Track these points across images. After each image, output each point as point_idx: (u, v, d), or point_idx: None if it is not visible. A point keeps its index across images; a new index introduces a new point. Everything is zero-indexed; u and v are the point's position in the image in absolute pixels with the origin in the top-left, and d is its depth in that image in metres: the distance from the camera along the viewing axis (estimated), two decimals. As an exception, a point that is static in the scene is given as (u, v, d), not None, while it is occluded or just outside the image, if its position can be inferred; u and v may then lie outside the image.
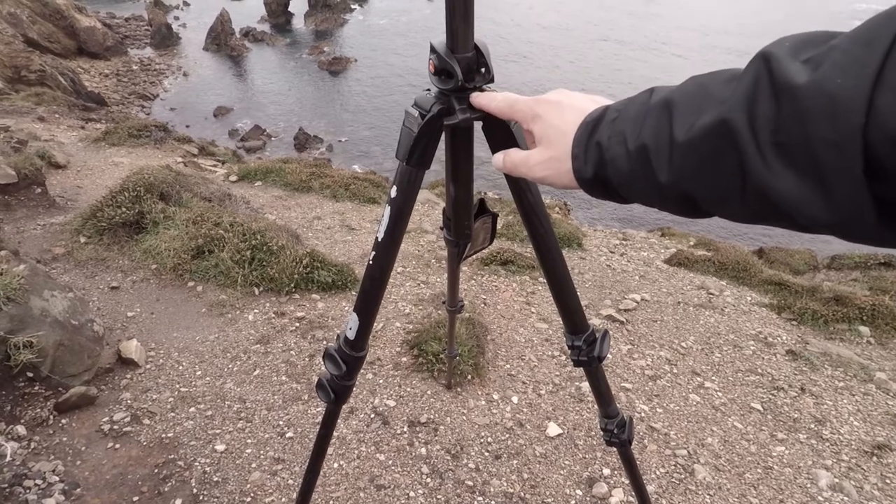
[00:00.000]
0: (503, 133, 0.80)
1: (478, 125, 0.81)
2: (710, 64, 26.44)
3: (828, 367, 3.10)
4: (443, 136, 0.84)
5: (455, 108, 0.76)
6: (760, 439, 2.53)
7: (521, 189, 0.87)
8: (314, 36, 32.89)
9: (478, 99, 0.70)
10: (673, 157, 0.41)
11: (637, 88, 0.53)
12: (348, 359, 1.02)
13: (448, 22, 0.69)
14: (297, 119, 22.91)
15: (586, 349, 1.03)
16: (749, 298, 3.93)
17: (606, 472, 2.27)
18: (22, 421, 2.15)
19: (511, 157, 0.63)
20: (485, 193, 9.06)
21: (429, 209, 5.42)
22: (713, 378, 2.94)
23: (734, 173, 0.37)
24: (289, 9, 35.36)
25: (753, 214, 0.39)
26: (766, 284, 4.22)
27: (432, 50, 0.74)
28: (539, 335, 3.15)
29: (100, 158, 6.03)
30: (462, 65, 0.72)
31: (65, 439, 2.14)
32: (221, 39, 29.82)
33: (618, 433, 1.20)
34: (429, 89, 0.80)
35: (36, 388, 2.25)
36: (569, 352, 1.08)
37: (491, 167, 0.86)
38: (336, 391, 1.06)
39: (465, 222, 0.99)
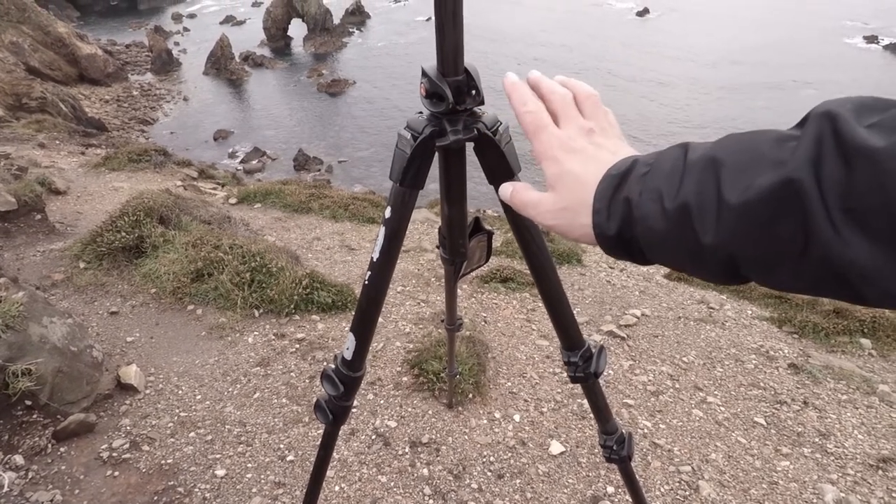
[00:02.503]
0: (495, 154, 0.81)
1: (470, 146, 0.83)
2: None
3: (830, 381, 3.08)
4: (436, 157, 0.85)
5: (447, 130, 0.78)
6: (765, 454, 2.51)
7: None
8: (313, 59, 33.34)
9: (512, 93, 0.58)
10: (722, 218, 0.38)
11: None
12: (346, 379, 1.02)
13: (438, 46, 0.71)
14: (296, 140, 23.10)
15: (583, 365, 1.04)
16: (749, 312, 3.93)
17: (610, 489, 2.25)
18: (20, 450, 2.14)
19: (520, 196, 0.58)
20: (483, 211, 9.09)
21: (428, 228, 5.44)
22: (715, 393, 2.92)
23: (794, 238, 0.35)
24: (288, 33, 35.91)
25: (807, 282, 0.37)
26: (766, 298, 4.21)
27: (423, 74, 0.75)
28: (540, 352, 3.14)
29: (100, 184, 6.08)
30: (452, 88, 0.74)
31: (63, 468, 2.12)
32: (221, 64, 30.22)
33: (617, 449, 1.20)
34: (421, 112, 0.82)
35: (34, 416, 2.23)
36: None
37: (487, 186, 0.87)
38: (334, 412, 1.06)
39: (460, 241, 1.00)
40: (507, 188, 0.61)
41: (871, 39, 34.95)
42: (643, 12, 42.15)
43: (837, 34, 36.36)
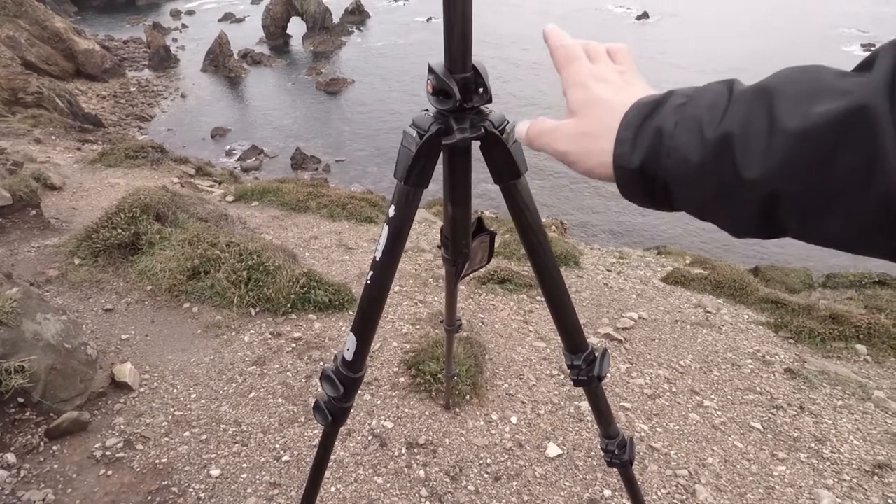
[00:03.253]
0: (501, 152, 0.80)
1: (476, 144, 0.82)
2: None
3: (826, 386, 3.08)
4: (441, 156, 0.84)
5: (453, 128, 0.77)
6: (761, 459, 2.50)
7: (520, 207, 0.87)
8: (312, 57, 33.26)
9: (550, 35, 0.57)
10: (773, 147, 0.35)
11: None
12: (346, 380, 1.01)
13: (447, 43, 0.70)
14: (294, 139, 23.04)
15: (586, 368, 1.03)
16: (746, 317, 3.93)
17: (607, 493, 2.24)
18: (12, 448, 2.11)
19: (537, 125, 0.54)
20: (482, 212, 9.10)
21: (426, 228, 5.43)
22: (712, 397, 2.92)
23: (856, 172, 0.32)
24: (287, 31, 35.83)
25: (855, 229, 0.34)
26: (762, 303, 4.22)
27: (430, 71, 0.74)
28: (537, 354, 3.13)
29: (96, 180, 6.04)
30: (460, 85, 0.73)
31: (56, 466, 2.10)
32: (219, 61, 30.11)
33: (619, 454, 1.19)
34: (427, 109, 0.81)
35: (27, 413, 2.21)
36: (568, 371, 1.07)
37: (489, 186, 0.86)
38: (333, 413, 1.05)
39: (463, 241, 0.99)
40: (523, 125, 0.56)
41: (869, 47, 35.16)
42: (642, 16, 42.28)
43: (835, 41, 36.56)
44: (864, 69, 0.35)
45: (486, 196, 12.99)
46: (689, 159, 0.39)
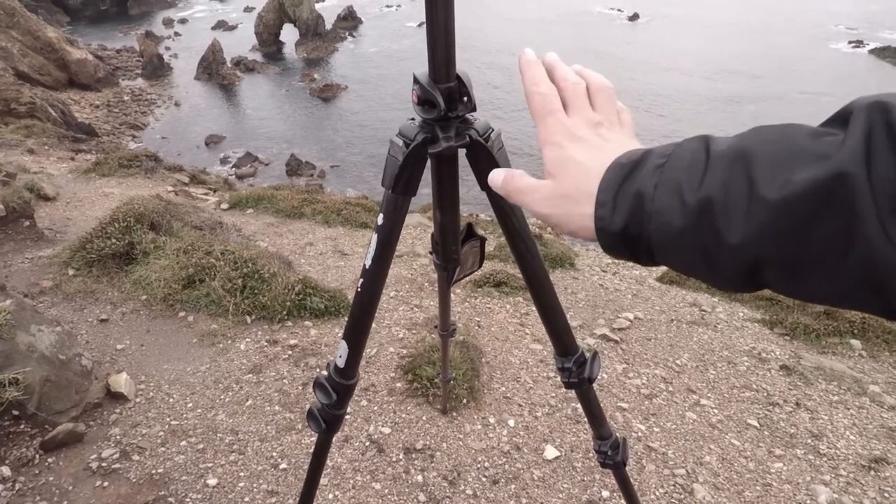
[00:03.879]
0: (486, 159, 0.81)
1: (462, 152, 0.83)
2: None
3: (822, 382, 3.10)
4: (428, 164, 0.85)
5: (439, 137, 0.78)
6: (758, 456, 2.51)
7: (506, 213, 0.88)
8: (305, 64, 33.29)
9: (526, 71, 0.55)
10: (754, 215, 0.35)
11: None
12: (339, 387, 1.02)
13: (430, 53, 0.71)
14: (288, 145, 23.02)
15: (576, 371, 1.03)
16: (741, 314, 3.95)
17: (605, 494, 2.25)
18: (7, 461, 2.10)
19: (514, 181, 0.53)
20: (476, 216, 9.10)
21: (421, 233, 5.43)
22: (709, 395, 2.93)
23: (835, 239, 0.32)
24: (280, 38, 35.85)
25: (839, 290, 0.34)
26: (757, 300, 4.24)
27: (415, 81, 0.75)
28: (534, 356, 3.14)
29: (90, 189, 6.03)
30: (444, 94, 0.73)
31: (51, 479, 2.09)
32: (213, 69, 30.10)
33: (612, 455, 1.19)
34: (413, 118, 0.82)
35: (21, 426, 2.20)
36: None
37: (480, 191, 0.87)
38: (327, 420, 1.05)
39: (453, 247, 1.00)
40: (498, 174, 0.55)
41: (857, 44, 35.39)
42: (633, 17, 42.49)
43: (823, 40, 36.77)
44: (835, 124, 0.36)
45: (480, 201, 12.99)
46: (672, 224, 0.39)
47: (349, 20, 40.12)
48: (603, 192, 0.43)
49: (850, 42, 35.76)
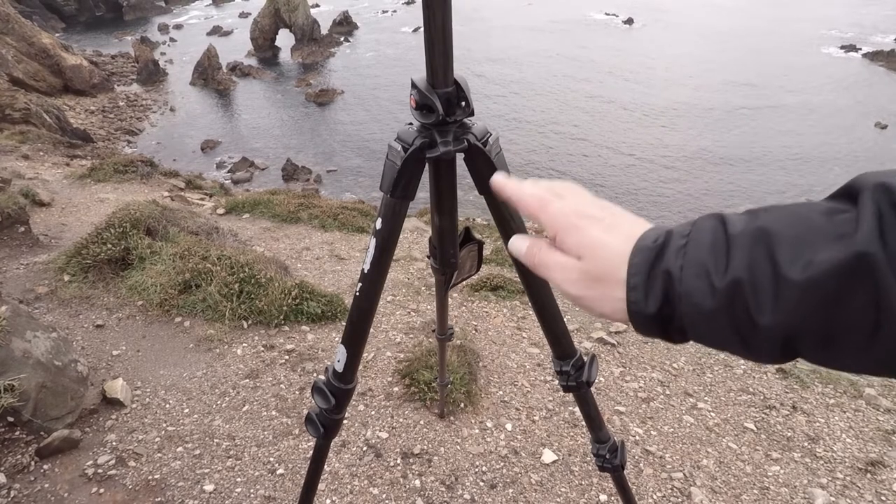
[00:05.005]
0: (485, 164, 0.82)
1: (460, 156, 0.83)
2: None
3: (818, 385, 3.11)
4: (426, 168, 0.85)
5: (437, 142, 0.78)
6: (755, 459, 2.52)
7: (504, 217, 0.88)
8: (301, 69, 33.34)
9: (502, 186, 0.58)
10: (782, 296, 0.36)
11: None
12: (337, 392, 1.01)
13: (428, 58, 0.72)
14: (284, 150, 23.03)
15: (574, 374, 1.04)
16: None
17: (603, 498, 2.25)
18: (2, 468, 2.09)
19: (542, 256, 0.52)
20: (473, 220, 9.12)
21: (418, 237, 5.44)
22: (706, 398, 2.94)
23: (864, 315, 0.34)
24: (275, 43, 35.89)
25: (873, 361, 0.36)
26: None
27: (413, 86, 0.76)
28: (531, 360, 3.14)
29: (85, 195, 6.01)
30: (442, 99, 0.74)
31: (47, 486, 2.08)
32: (208, 74, 30.10)
33: (610, 458, 1.20)
34: (411, 123, 0.82)
35: (17, 433, 2.19)
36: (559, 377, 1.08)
37: (477, 196, 0.88)
38: (325, 425, 1.05)
39: (451, 251, 1.00)
40: (521, 243, 0.56)
41: (850, 48, 35.68)
42: (627, 22, 42.77)
43: (815, 44, 37.01)
44: (843, 199, 0.38)
45: (478, 205, 13.02)
46: (702, 305, 0.40)
47: (345, 25, 40.22)
48: (633, 276, 0.43)
49: (841, 47, 36.04)
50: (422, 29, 0.71)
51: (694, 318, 0.40)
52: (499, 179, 0.58)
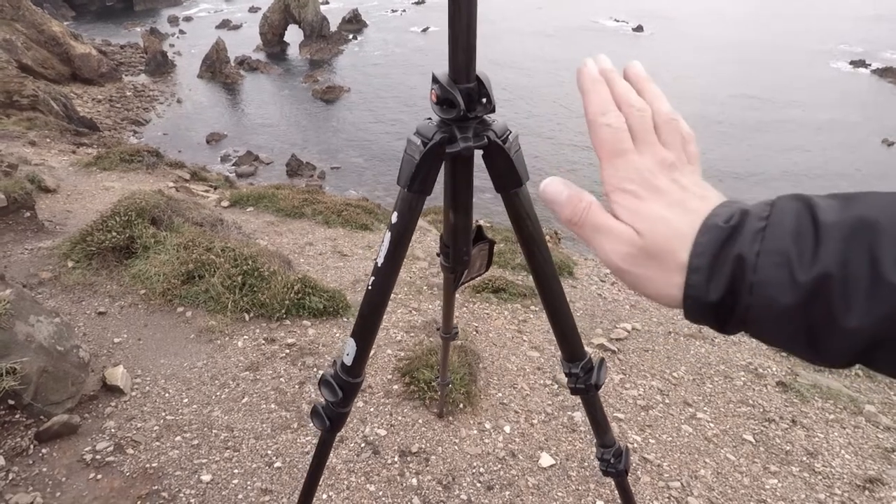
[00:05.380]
0: (504, 161, 0.82)
1: (478, 153, 0.83)
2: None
3: (818, 399, 3.10)
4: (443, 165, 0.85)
5: (457, 137, 0.78)
6: (753, 472, 2.51)
7: (521, 217, 0.88)
8: (309, 65, 33.38)
9: (590, 90, 0.48)
10: (879, 298, 0.32)
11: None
12: (345, 385, 1.01)
13: (451, 53, 0.71)
14: (289, 145, 23.05)
15: (584, 377, 1.04)
16: (739, 328, 3.95)
17: (600, 504, 2.24)
18: (1, 451, 2.09)
19: (591, 214, 0.45)
20: (477, 221, 9.11)
21: (420, 236, 5.43)
22: (705, 409, 2.93)
23: None
24: (284, 38, 35.95)
25: None
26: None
27: (434, 80, 0.76)
28: (531, 363, 3.13)
29: (90, 183, 6.01)
30: (464, 94, 0.74)
31: (45, 469, 2.08)
32: (216, 67, 30.16)
33: (614, 463, 1.19)
34: (430, 118, 0.82)
35: (17, 416, 2.19)
36: (562, 381, 1.08)
37: (483, 195, 0.87)
38: (331, 418, 1.05)
39: (464, 248, 1.00)
40: (559, 188, 0.46)
41: (860, 64, 35.67)
42: (637, 29, 42.81)
43: (824, 58, 37.01)
44: None
45: (482, 206, 13.00)
46: (778, 299, 0.35)
47: (354, 23, 40.29)
48: (697, 257, 0.38)
49: (851, 62, 36.04)
50: (432, 28, 0.71)
51: (763, 312, 0.36)
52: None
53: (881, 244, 0.32)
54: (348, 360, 0.99)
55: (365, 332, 0.97)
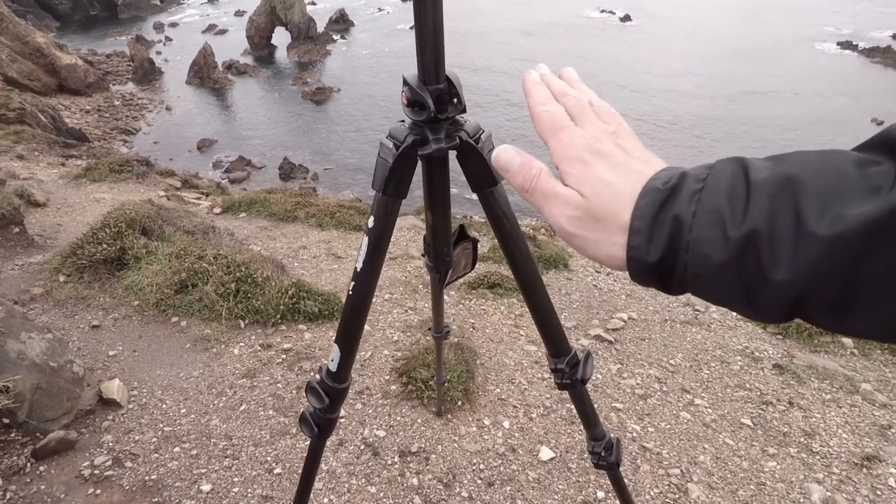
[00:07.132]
0: (477, 161, 0.81)
1: (452, 154, 0.83)
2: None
3: (814, 380, 3.12)
4: (419, 166, 0.85)
5: (429, 139, 0.78)
6: (752, 455, 2.53)
7: (497, 215, 0.88)
8: (297, 67, 33.22)
9: (532, 90, 0.54)
10: (802, 251, 0.33)
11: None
12: (331, 391, 1.01)
13: (419, 55, 0.71)
14: (281, 149, 22.96)
15: (569, 372, 1.03)
16: (734, 314, 3.96)
17: (601, 495, 2.25)
18: (-2, 468, 2.08)
19: (541, 181, 0.47)
20: (470, 217, 9.11)
21: (415, 235, 5.43)
22: (703, 395, 2.94)
23: (886, 276, 0.32)
24: (271, 41, 35.76)
25: (890, 327, 0.33)
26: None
27: (405, 83, 0.75)
28: (528, 357, 3.14)
29: (80, 195, 5.98)
30: (434, 96, 0.73)
31: (43, 487, 2.07)
32: (204, 73, 29.97)
33: (605, 455, 1.20)
34: (403, 120, 0.82)
35: (12, 434, 2.18)
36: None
37: (473, 193, 0.87)
38: (320, 425, 1.05)
39: (445, 248, 1.00)
40: (512, 157, 0.48)
41: (846, 45, 35.69)
42: (625, 19, 42.73)
43: (809, 40, 36.97)
44: (876, 150, 0.36)
45: (475, 202, 12.99)
46: (711, 256, 0.36)
47: (341, 23, 40.11)
48: (638, 219, 0.40)
49: (838, 43, 36.04)
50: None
51: (700, 269, 0.37)
52: (529, 78, 0.53)
53: (805, 198, 0.34)
54: (333, 366, 0.99)
55: (348, 338, 0.96)
